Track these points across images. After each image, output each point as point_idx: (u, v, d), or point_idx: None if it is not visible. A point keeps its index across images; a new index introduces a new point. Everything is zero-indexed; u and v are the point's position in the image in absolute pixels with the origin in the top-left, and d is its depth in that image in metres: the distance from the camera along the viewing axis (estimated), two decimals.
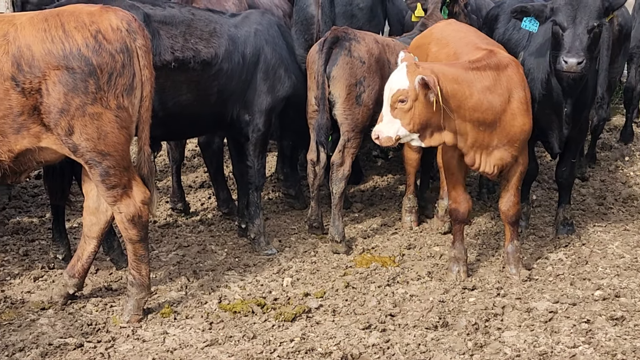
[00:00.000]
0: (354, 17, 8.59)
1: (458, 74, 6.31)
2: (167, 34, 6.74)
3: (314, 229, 7.88)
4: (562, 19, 6.71)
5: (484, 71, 6.43)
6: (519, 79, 6.56)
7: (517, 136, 6.50)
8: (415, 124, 6.15)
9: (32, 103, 5.49)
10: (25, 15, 5.67)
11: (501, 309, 6.19)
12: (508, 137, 6.48)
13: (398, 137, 6.19)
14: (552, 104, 7.16)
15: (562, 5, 6.75)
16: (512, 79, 6.50)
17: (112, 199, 5.83)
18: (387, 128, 6.17)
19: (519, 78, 6.56)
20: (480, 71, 6.42)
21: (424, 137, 6.29)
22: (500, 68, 6.49)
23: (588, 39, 6.62)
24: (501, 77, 6.46)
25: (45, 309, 6.28)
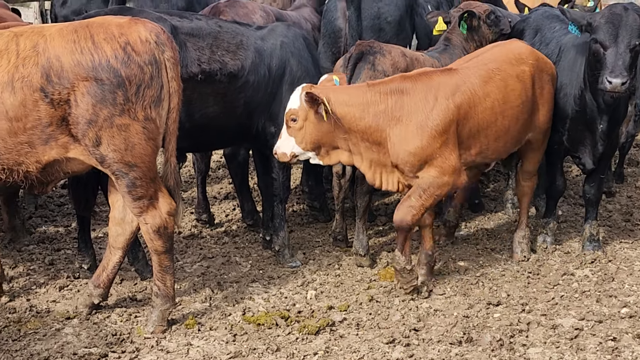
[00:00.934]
0: (382, 30, 8.59)
1: (350, 97, 6.45)
2: (194, 46, 6.77)
3: (338, 242, 7.87)
4: (603, 37, 6.66)
5: (384, 95, 6.44)
6: (424, 104, 6.43)
7: (408, 158, 6.42)
8: (307, 142, 6.47)
9: (60, 114, 5.53)
10: (54, 26, 5.72)
11: (526, 325, 6.14)
12: (399, 159, 6.45)
13: (293, 154, 6.55)
14: (585, 120, 7.11)
15: (602, 24, 6.70)
16: (411, 104, 6.43)
17: (138, 210, 5.85)
18: (283, 145, 6.56)
19: (423, 104, 6.43)
20: (379, 95, 6.44)
21: (320, 155, 6.61)
22: (404, 93, 6.45)
23: (630, 58, 6.59)
24: (401, 101, 6.44)
25: (70, 319, 6.32)
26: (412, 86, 6.49)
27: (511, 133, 6.88)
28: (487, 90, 6.66)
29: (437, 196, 6.55)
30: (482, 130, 6.66)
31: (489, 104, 6.64)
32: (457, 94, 6.52)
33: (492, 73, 6.74)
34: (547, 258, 7.47)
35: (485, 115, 6.64)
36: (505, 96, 6.74)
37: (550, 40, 7.71)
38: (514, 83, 6.82)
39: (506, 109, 6.74)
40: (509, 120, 6.78)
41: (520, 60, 6.94)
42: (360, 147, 6.52)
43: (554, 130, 7.46)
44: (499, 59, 6.90)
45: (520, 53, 7.01)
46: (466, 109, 6.53)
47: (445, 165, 6.46)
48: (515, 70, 6.88)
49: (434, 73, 6.68)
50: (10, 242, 7.86)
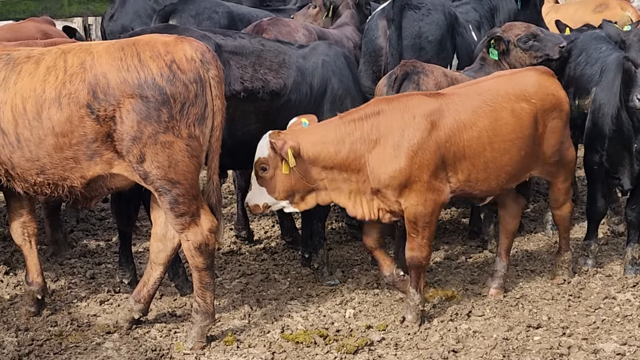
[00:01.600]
0: (423, 49, 8.59)
1: (323, 134, 6.31)
2: (237, 64, 6.82)
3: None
4: (634, 55, 6.66)
5: (358, 122, 6.33)
6: (400, 124, 6.29)
7: (388, 181, 6.29)
8: (279, 191, 6.32)
9: (105, 130, 5.59)
10: (101, 44, 5.80)
11: (567, 349, 6.08)
12: (379, 183, 6.32)
13: (266, 205, 6.39)
14: (622, 139, 7.08)
15: (635, 42, 6.70)
16: (387, 124, 6.30)
17: (180, 227, 5.89)
18: (254, 196, 6.41)
19: (399, 123, 6.29)
20: (354, 123, 6.33)
21: (294, 202, 6.45)
22: (379, 114, 6.33)
23: None
24: (377, 122, 6.31)
25: (111, 333, 6.36)
26: (388, 107, 6.37)
27: (502, 167, 6.55)
28: (474, 119, 6.41)
29: (429, 223, 6.40)
30: (468, 158, 6.40)
31: (475, 133, 6.39)
32: (436, 114, 6.32)
33: (482, 103, 6.47)
34: (588, 281, 7.40)
35: (472, 144, 6.38)
36: (495, 128, 6.45)
37: (596, 61, 7.71)
38: (507, 117, 6.51)
39: (495, 142, 6.45)
40: (499, 153, 6.49)
41: (520, 97, 6.60)
42: (338, 182, 6.39)
43: (593, 151, 7.43)
44: (496, 90, 6.61)
45: (523, 89, 6.66)
46: (448, 132, 6.31)
47: (424, 189, 6.29)
48: (512, 105, 6.56)
49: (416, 95, 6.58)
50: (52, 256, 7.95)
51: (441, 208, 6.53)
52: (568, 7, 13.34)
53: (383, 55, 8.36)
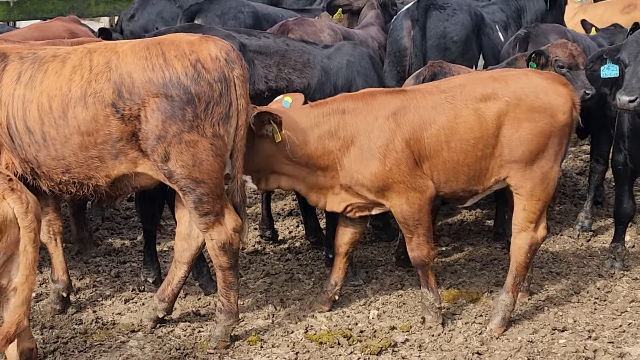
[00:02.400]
0: (448, 50, 8.57)
1: (293, 119, 6.22)
2: (261, 64, 6.84)
3: (402, 262, 7.82)
4: (624, 56, 6.79)
5: (326, 116, 6.27)
6: (365, 126, 6.21)
7: (367, 184, 6.24)
8: (245, 164, 6.13)
9: (130, 129, 5.61)
10: (127, 43, 5.81)
11: (592, 352, 6.03)
12: (355, 183, 6.28)
13: (228, 176, 6.18)
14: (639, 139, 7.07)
15: (628, 43, 6.84)
16: (352, 125, 6.23)
17: (204, 226, 5.90)
18: None
19: (364, 125, 6.22)
20: (322, 116, 6.27)
21: (257, 180, 6.39)
22: (345, 112, 6.26)
23: None
24: (343, 121, 6.24)
25: (135, 332, 6.38)
26: (352, 106, 6.30)
27: (461, 168, 6.29)
28: (433, 115, 6.23)
29: (419, 220, 6.33)
30: (430, 157, 6.26)
31: (434, 130, 6.22)
32: (400, 113, 6.21)
33: (442, 99, 6.27)
34: (614, 284, 7.33)
35: (431, 142, 6.22)
36: (453, 127, 6.21)
37: None
38: (468, 116, 6.21)
39: (452, 140, 6.22)
40: (456, 154, 6.23)
41: (487, 96, 6.25)
42: (303, 172, 6.35)
43: (618, 150, 7.44)
44: (461, 87, 6.35)
45: (494, 89, 6.28)
46: (411, 129, 6.20)
47: (403, 188, 6.23)
48: (475, 103, 6.24)
49: (378, 93, 6.46)
50: (77, 254, 7.99)
51: (429, 204, 6.36)
52: (596, 7, 13.25)
53: (407, 56, 8.36)
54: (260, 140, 6.14)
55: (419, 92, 6.37)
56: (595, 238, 8.68)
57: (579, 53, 7.77)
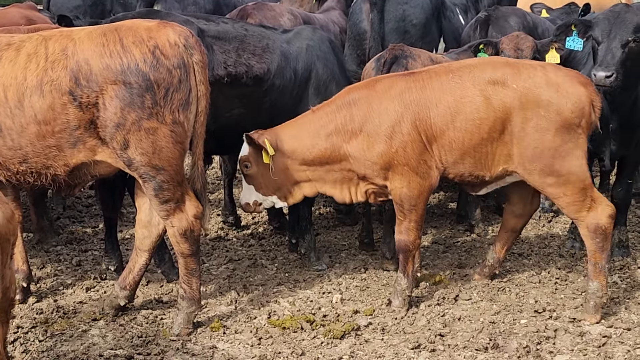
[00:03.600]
0: (407, 33, 8.58)
1: (297, 129, 6.43)
2: (220, 49, 6.79)
3: (365, 246, 7.85)
4: (597, 33, 6.80)
5: (331, 114, 6.38)
6: (372, 111, 6.28)
7: (371, 168, 6.33)
8: (265, 187, 6.52)
9: (88, 117, 5.55)
10: (83, 30, 5.75)
11: (553, 332, 6.09)
12: (364, 170, 6.37)
13: (256, 202, 6.64)
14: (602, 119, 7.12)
15: (599, 20, 6.84)
16: (360, 114, 6.30)
17: (165, 213, 5.87)
18: (244, 195, 6.65)
19: (371, 111, 6.28)
20: (327, 115, 6.39)
21: (282, 197, 6.63)
22: (351, 104, 6.35)
23: (622, 54, 6.64)
24: (351, 113, 6.33)
25: (97, 320, 6.34)
26: (358, 95, 6.37)
27: (467, 150, 6.25)
28: (439, 95, 6.24)
29: (415, 206, 6.36)
30: (436, 137, 6.26)
31: (441, 110, 6.21)
32: (405, 95, 6.26)
33: (449, 79, 6.26)
34: (575, 264, 7.41)
35: (437, 121, 6.22)
36: (459, 107, 6.19)
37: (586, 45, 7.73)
38: (474, 96, 6.17)
39: (457, 120, 6.19)
40: (461, 134, 6.21)
41: (496, 80, 6.20)
42: (321, 172, 6.47)
43: None
44: (471, 68, 6.33)
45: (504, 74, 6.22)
46: (417, 110, 6.23)
47: (407, 170, 6.28)
48: (483, 85, 6.18)
49: (383, 78, 6.54)
50: (38, 243, 7.92)
51: (429, 191, 6.42)
52: None
53: (367, 39, 8.34)
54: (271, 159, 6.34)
55: (426, 73, 6.40)
56: (557, 219, 8.77)
57: (526, 47, 7.78)
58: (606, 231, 6.21)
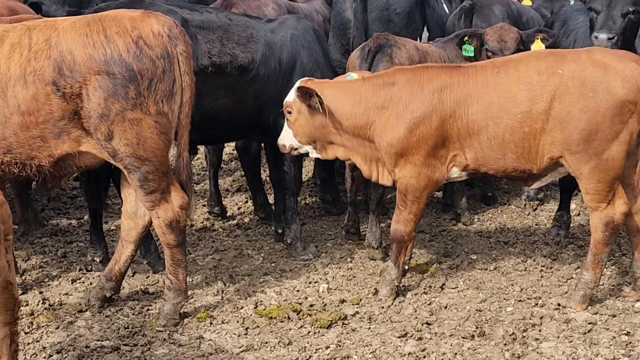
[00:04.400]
0: (391, 22, 8.55)
1: (342, 92, 6.42)
2: (204, 39, 6.76)
3: (351, 235, 7.86)
4: (596, 4, 6.93)
5: (376, 88, 6.38)
6: (407, 95, 6.27)
7: (386, 149, 6.32)
8: (301, 135, 6.56)
9: (72, 108, 5.52)
10: (67, 19, 5.71)
11: (539, 319, 6.12)
12: (381, 150, 6.38)
13: (292, 147, 6.69)
14: None
15: None
16: (396, 93, 6.31)
17: (150, 204, 5.85)
18: (283, 137, 6.72)
19: (407, 94, 6.27)
20: (372, 88, 6.39)
21: (317, 149, 6.67)
22: (394, 84, 6.35)
23: (622, 22, 6.78)
24: (390, 92, 6.33)
25: (83, 312, 6.32)
26: (402, 77, 6.36)
27: (507, 145, 6.18)
28: (482, 91, 6.18)
29: (419, 198, 6.37)
30: (473, 134, 6.22)
31: (481, 106, 6.17)
32: (445, 90, 6.22)
33: (494, 75, 6.21)
34: (560, 251, 7.44)
35: (476, 118, 6.18)
36: (501, 101, 6.13)
37: (571, 32, 7.76)
38: (517, 90, 6.10)
39: (501, 116, 6.13)
40: (501, 129, 6.13)
41: (541, 70, 6.09)
42: (354, 142, 6.48)
43: None
44: (516, 62, 6.27)
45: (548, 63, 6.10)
46: (453, 107, 6.19)
47: (420, 161, 6.28)
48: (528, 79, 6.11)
49: (431, 67, 6.51)
50: (23, 235, 7.88)
51: (435, 186, 6.43)
52: None
53: (351, 28, 8.31)
54: (311, 112, 6.39)
55: (472, 68, 6.36)
56: (542, 207, 8.80)
57: (510, 39, 7.77)
58: (617, 227, 6.19)
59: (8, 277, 4.24)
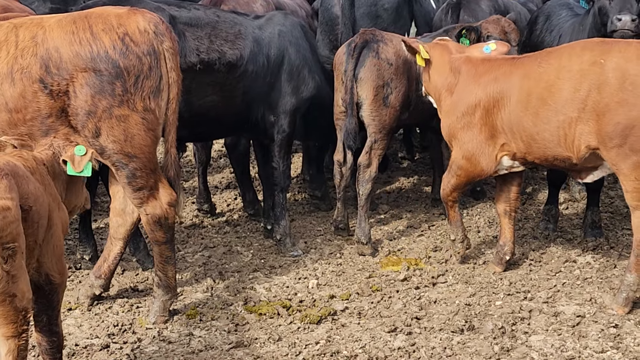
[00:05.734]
0: (379, 17, 8.55)
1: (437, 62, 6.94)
2: (192, 36, 6.76)
3: (340, 231, 7.86)
4: None
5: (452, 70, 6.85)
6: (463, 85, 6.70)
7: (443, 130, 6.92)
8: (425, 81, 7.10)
9: (59, 105, 5.50)
10: (54, 17, 5.69)
11: (528, 312, 6.14)
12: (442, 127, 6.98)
13: None
14: None
15: None
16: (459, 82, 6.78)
17: (138, 201, 5.84)
18: None
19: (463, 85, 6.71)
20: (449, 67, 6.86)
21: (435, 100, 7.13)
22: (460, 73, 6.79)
23: (638, 7, 6.77)
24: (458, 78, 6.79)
25: (72, 310, 6.32)
26: (465, 68, 6.71)
27: (544, 135, 6.21)
28: (523, 83, 6.27)
29: (458, 176, 6.80)
30: (514, 124, 6.34)
31: (522, 95, 6.26)
32: (491, 82, 6.49)
33: (536, 66, 6.25)
34: (549, 245, 7.46)
35: (516, 109, 6.29)
36: (541, 92, 6.16)
37: (554, 27, 7.74)
38: (555, 80, 6.10)
39: (538, 105, 6.18)
40: (539, 119, 6.19)
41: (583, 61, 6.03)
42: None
43: None
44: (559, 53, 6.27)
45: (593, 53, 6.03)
46: (498, 97, 6.42)
47: (464, 148, 6.66)
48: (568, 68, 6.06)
49: (494, 59, 6.72)
50: None
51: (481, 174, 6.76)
52: None
53: (339, 24, 8.31)
54: None
55: (519, 60, 6.55)
56: (530, 201, 8.82)
57: (511, 29, 7.86)
58: None
59: (9, 288, 4.02)
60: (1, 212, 3.88)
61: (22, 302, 4.09)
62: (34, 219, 4.18)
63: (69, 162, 4.79)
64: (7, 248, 3.92)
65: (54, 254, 4.47)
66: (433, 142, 8.58)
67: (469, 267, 7.03)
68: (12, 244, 3.94)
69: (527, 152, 6.41)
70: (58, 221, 4.50)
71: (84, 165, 4.81)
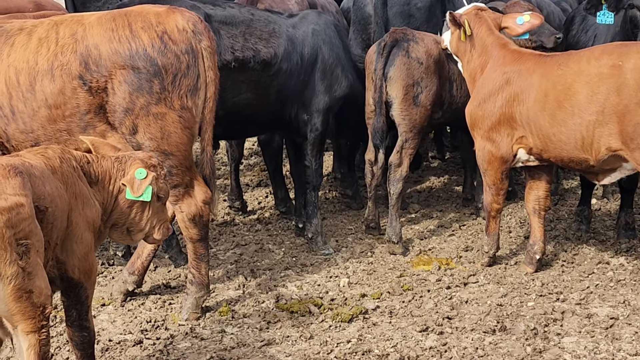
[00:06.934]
0: (412, 17, 8.53)
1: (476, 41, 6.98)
2: (227, 34, 6.80)
3: (371, 230, 7.87)
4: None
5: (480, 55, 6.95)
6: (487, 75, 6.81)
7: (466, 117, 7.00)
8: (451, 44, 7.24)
9: (98, 102, 5.56)
10: (93, 14, 5.74)
11: (561, 314, 6.11)
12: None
13: (445, 47, 7.37)
14: None
15: None
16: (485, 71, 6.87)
17: (174, 198, 5.88)
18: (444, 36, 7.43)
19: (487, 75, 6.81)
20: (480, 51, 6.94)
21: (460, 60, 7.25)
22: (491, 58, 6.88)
23: None
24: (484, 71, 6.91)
25: (105, 305, 6.37)
26: (496, 52, 6.81)
27: (559, 137, 6.29)
28: (541, 82, 6.34)
29: (486, 171, 6.84)
30: (531, 121, 6.41)
31: (540, 95, 6.33)
32: (514, 74, 6.58)
33: (556, 66, 6.31)
34: (581, 246, 7.43)
35: (533, 106, 6.38)
36: (557, 94, 6.23)
37: (590, 27, 7.69)
38: (573, 82, 6.15)
39: (554, 107, 6.25)
40: (556, 121, 6.26)
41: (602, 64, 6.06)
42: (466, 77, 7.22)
43: None
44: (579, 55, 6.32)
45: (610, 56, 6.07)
46: (518, 91, 6.52)
47: (485, 136, 6.72)
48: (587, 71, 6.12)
49: (525, 52, 6.78)
50: None
51: (501, 163, 6.75)
52: None
53: (372, 23, 8.32)
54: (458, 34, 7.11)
55: (541, 58, 6.60)
56: (562, 202, 8.79)
57: (532, 9, 7.87)
58: None
59: (25, 284, 4.00)
60: (15, 208, 3.88)
61: (40, 298, 4.08)
62: (49, 220, 4.19)
63: (127, 186, 4.64)
64: (21, 244, 3.94)
65: (75, 253, 4.46)
66: (464, 141, 8.57)
67: (501, 268, 7.02)
68: (26, 241, 3.95)
69: (542, 149, 6.49)
70: (80, 220, 4.47)
71: (144, 189, 4.62)
